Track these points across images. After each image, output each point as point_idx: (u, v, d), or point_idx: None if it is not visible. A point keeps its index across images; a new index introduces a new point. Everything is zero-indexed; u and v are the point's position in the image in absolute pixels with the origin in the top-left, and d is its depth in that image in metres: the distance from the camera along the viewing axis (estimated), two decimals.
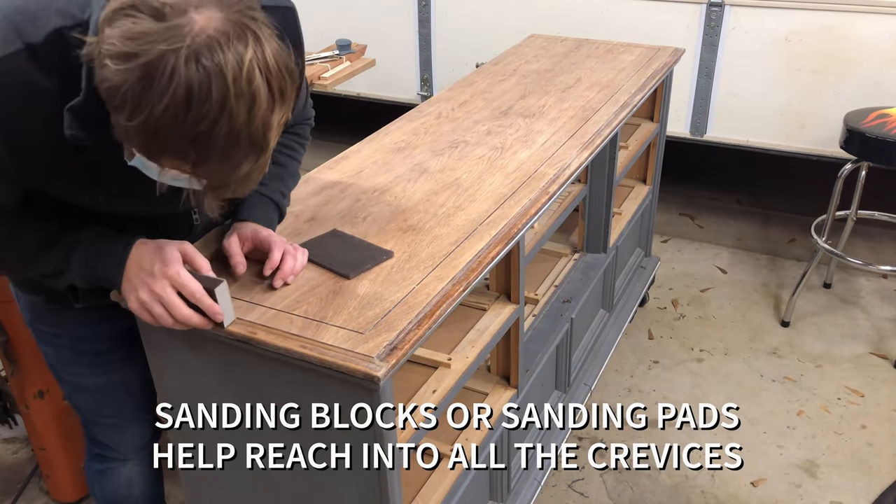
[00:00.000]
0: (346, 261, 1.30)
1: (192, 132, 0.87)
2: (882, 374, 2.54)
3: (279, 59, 0.91)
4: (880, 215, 2.90)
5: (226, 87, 0.86)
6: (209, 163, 0.91)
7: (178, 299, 1.12)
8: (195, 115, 0.86)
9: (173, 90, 0.84)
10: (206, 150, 0.89)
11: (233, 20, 0.88)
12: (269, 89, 0.89)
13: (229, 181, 0.95)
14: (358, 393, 1.13)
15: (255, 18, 0.90)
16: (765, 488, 2.12)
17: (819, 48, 2.81)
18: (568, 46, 2.56)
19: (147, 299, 1.13)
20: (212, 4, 0.88)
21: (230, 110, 0.87)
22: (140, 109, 0.86)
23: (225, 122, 0.87)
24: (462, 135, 1.86)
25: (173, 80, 0.84)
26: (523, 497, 1.83)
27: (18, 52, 0.96)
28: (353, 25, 3.51)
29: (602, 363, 2.31)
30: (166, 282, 1.12)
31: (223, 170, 0.93)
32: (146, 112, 0.86)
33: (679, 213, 3.58)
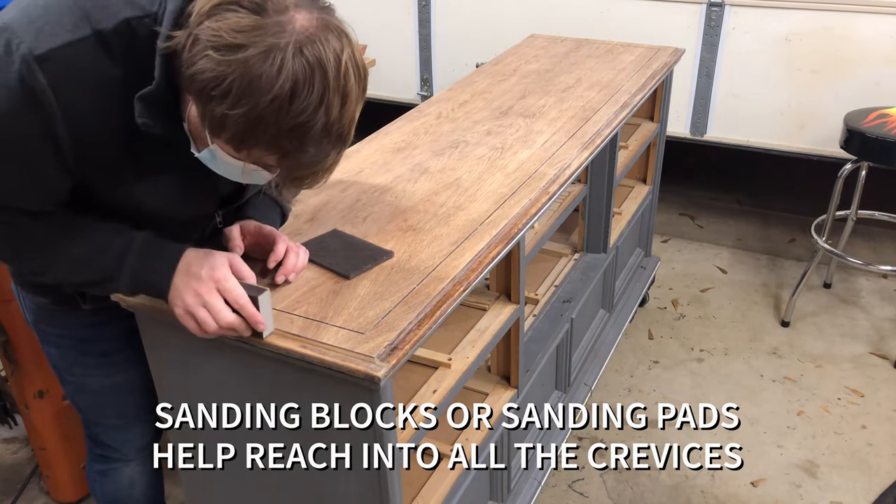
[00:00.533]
0: (346, 261, 1.30)
1: (291, 123, 0.91)
2: (882, 374, 2.54)
3: (361, 56, 0.96)
4: (880, 215, 2.90)
5: (326, 80, 0.90)
6: (299, 155, 0.95)
7: (224, 304, 1.11)
8: (297, 106, 0.90)
9: (282, 82, 0.88)
10: (300, 141, 0.93)
11: (324, 18, 0.93)
12: (358, 85, 0.95)
13: (311, 173, 0.99)
14: (358, 393, 1.13)
15: (339, 18, 0.96)
16: (765, 488, 2.12)
17: (819, 48, 2.81)
18: (568, 46, 2.56)
19: (192, 303, 1.11)
20: (305, 2, 0.93)
21: (328, 104, 0.91)
22: (246, 100, 0.89)
23: (322, 115, 0.91)
24: (462, 135, 1.86)
25: (282, 71, 0.88)
26: (523, 497, 1.83)
27: (87, 37, 0.99)
28: (354, 25, 3.48)
29: (602, 363, 2.31)
30: (213, 285, 1.10)
31: (310, 162, 0.96)
32: (252, 102, 0.89)
33: (679, 213, 3.58)
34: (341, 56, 0.92)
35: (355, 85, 0.94)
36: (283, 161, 0.97)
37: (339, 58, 0.92)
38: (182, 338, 1.26)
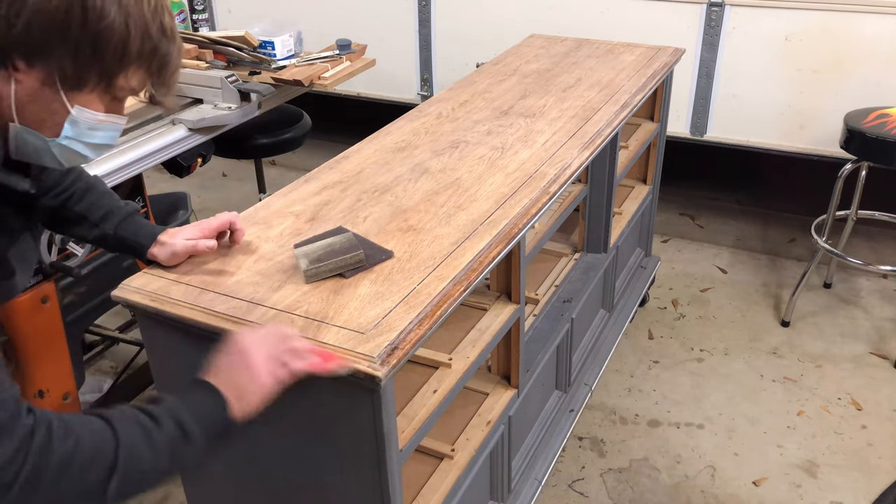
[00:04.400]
0: (346, 260, 1.30)
1: (153, 24, 0.96)
2: (882, 374, 2.54)
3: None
4: (880, 215, 2.90)
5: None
6: (168, 50, 0.99)
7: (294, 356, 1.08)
8: (148, 5, 0.95)
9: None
10: (161, 35, 0.97)
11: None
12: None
13: (177, 68, 1.03)
14: (359, 393, 1.13)
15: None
16: (765, 488, 2.12)
17: (819, 48, 2.81)
18: (568, 46, 2.56)
19: (274, 375, 1.06)
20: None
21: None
22: (101, 21, 0.91)
23: (164, 12, 0.97)
24: (462, 135, 1.86)
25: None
26: (523, 497, 1.83)
27: None
28: (353, 25, 3.51)
29: (602, 363, 2.31)
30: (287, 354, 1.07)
31: (177, 54, 1.01)
32: (108, 19, 0.91)
33: (679, 213, 3.58)
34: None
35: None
36: (154, 67, 0.99)
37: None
38: (182, 338, 1.26)
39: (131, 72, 0.97)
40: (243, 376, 1.03)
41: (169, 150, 2.05)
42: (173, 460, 0.96)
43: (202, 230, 1.34)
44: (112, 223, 1.32)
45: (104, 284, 1.98)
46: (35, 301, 1.80)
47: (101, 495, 0.89)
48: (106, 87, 0.97)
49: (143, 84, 1.01)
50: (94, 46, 0.92)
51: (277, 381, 1.06)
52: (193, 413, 0.99)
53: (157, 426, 0.95)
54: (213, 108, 2.16)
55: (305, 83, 2.24)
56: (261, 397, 1.04)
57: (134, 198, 2.09)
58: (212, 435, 1.00)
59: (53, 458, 0.86)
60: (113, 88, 0.98)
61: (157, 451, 0.94)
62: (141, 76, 0.99)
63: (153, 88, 1.03)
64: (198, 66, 2.24)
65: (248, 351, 1.05)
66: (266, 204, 1.55)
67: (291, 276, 1.29)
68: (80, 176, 1.35)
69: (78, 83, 0.94)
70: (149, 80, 1.01)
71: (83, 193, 1.32)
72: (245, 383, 1.03)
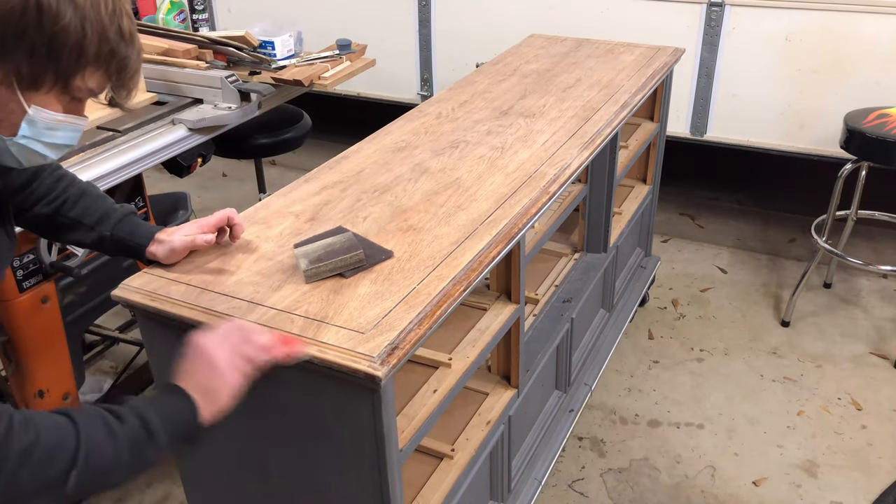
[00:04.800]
0: (346, 260, 1.30)
1: (112, 25, 0.96)
2: (882, 374, 2.54)
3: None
4: (880, 215, 2.90)
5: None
6: (127, 52, 0.99)
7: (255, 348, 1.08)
8: (107, 7, 0.95)
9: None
10: (120, 37, 0.98)
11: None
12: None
13: (137, 70, 1.04)
14: (359, 393, 1.13)
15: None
16: (765, 488, 2.12)
17: (819, 48, 2.81)
18: (568, 46, 2.56)
19: (239, 372, 1.06)
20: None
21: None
22: (58, 20, 0.91)
23: (124, 17, 0.98)
24: (462, 135, 1.86)
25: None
26: (523, 497, 1.83)
27: None
28: (353, 25, 3.51)
29: (602, 363, 2.31)
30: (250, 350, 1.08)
31: (136, 57, 1.02)
32: (65, 18, 0.92)
33: (679, 213, 3.58)
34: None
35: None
36: (112, 70, 0.99)
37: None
38: (182, 338, 1.26)
39: (88, 73, 0.98)
40: (209, 376, 1.04)
41: (169, 150, 2.05)
42: (136, 457, 0.96)
43: (200, 227, 1.34)
44: (108, 225, 1.32)
45: (104, 284, 1.98)
46: (35, 301, 1.80)
47: (60, 488, 0.90)
48: (63, 88, 0.98)
49: (102, 86, 1.02)
50: (50, 47, 0.93)
51: (243, 375, 1.07)
52: (159, 413, 0.99)
53: (121, 423, 0.96)
54: (213, 108, 2.16)
55: (305, 83, 2.24)
56: (229, 394, 1.05)
57: (134, 198, 2.09)
58: (179, 434, 1.01)
59: (13, 447, 0.87)
60: (70, 89, 0.98)
61: (119, 448, 0.94)
62: (99, 78, 1.00)
63: (112, 91, 1.04)
64: (198, 66, 2.24)
65: (210, 351, 1.05)
66: (266, 204, 1.55)
67: (291, 276, 1.29)
68: (73, 182, 1.35)
69: (34, 83, 0.95)
70: (108, 83, 1.02)
71: (77, 199, 1.33)
72: (212, 383, 1.04)
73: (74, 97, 1.01)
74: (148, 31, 2.38)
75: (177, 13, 2.67)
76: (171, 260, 1.33)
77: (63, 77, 0.96)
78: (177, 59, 2.26)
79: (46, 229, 1.35)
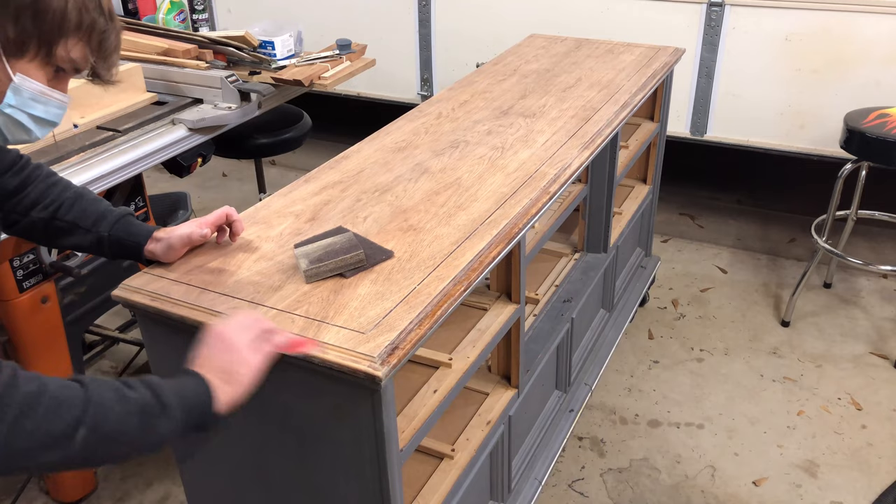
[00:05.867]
0: (346, 260, 1.30)
1: (96, 1, 1.02)
2: (882, 374, 2.54)
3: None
4: (880, 215, 2.90)
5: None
6: (108, 29, 1.04)
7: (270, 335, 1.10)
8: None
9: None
10: (101, 12, 1.03)
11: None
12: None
13: (118, 46, 1.08)
14: (359, 393, 1.13)
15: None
16: (765, 488, 2.12)
17: (819, 48, 2.81)
18: (568, 46, 2.56)
19: (258, 354, 1.07)
20: None
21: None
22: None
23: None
24: (463, 134, 1.86)
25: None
26: (523, 497, 1.83)
27: None
28: (353, 25, 3.51)
29: (602, 363, 2.31)
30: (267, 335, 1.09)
31: (117, 34, 1.06)
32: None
33: (679, 213, 3.58)
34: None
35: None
36: (94, 43, 1.04)
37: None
38: (182, 338, 1.26)
39: (71, 43, 1.02)
40: (228, 358, 1.04)
41: (169, 150, 2.05)
42: (146, 428, 0.95)
43: (198, 224, 1.34)
44: (106, 225, 1.32)
45: (104, 284, 1.99)
46: (35, 301, 1.80)
47: (68, 444, 0.89)
48: (46, 56, 1.01)
49: (84, 59, 1.05)
50: (35, 13, 0.97)
51: (264, 355, 1.07)
52: (173, 388, 0.99)
53: (132, 390, 0.96)
54: (213, 108, 2.16)
55: (305, 83, 2.24)
56: (251, 375, 1.05)
57: (134, 198, 2.09)
58: (193, 415, 1.00)
59: (17, 394, 0.87)
60: (53, 58, 1.02)
61: (128, 413, 0.94)
62: (81, 50, 1.04)
63: (95, 64, 1.08)
64: (198, 66, 2.24)
65: (228, 335, 1.06)
66: (266, 204, 1.55)
67: (291, 276, 1.29)
68: (67, 186, 1.35)
69: (19, 49, 0.99)
70: (91, 57, 1.06)
71: (72, 202, 1.33)
72: (232, 364, 1.04)
73: (58, 68, 1.04)
74: (148, 31, 2.38)
75: (177, 13, 2.67)
76: (169, 257, 1.33)
77: (46, 43, 1.00)
78: (177, 59, 2.26)
79: (44, 235, 1.34)
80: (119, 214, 1.34)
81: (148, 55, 2.30)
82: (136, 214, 2.00)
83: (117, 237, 1.32)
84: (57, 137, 1.91)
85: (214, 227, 1.36)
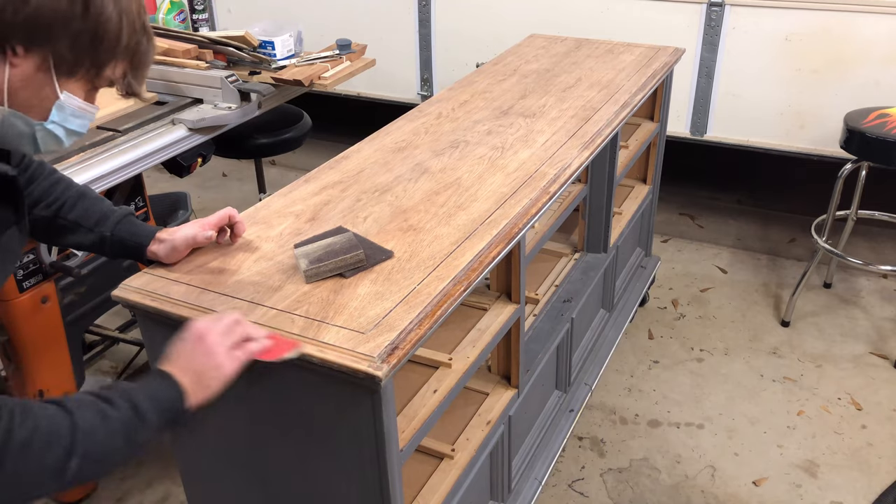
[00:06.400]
0: (346, 260, 1.30)
1: (137, 21, 1.03)
2: (882, 374, 2.54)
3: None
4: (880, 215, 2.90)
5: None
6: (146, 47, 1.05)
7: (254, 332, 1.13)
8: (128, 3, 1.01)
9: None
10: (144, 32, 1.04)
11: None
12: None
13: (151, 60, 1.10)
14: (359, 393, 1.13)
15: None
16: (765, 488, 2.12)
17: (819, 48, 2.81)
18: (568, 46, 2.56)
19: (231, 353, 1.09)
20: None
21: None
22: (95, 14, 0.97)
23: (136, 3, 1.03)
24: (462, 134, 1.86)
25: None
26: (523, 497, 1.83)
27: None
28: (353, 25, 3.51)
29: (602, 363, 2.31)
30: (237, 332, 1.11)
31: (150, 50, 1.07)
32: (97, 12, 0.97)
33: (679, 213, 3.58)
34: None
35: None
36: (136, 62, 1.05)
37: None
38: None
39: (118, 64, 1.03)
40: (203, 361, 1.07)
41: (169, 150, 2.05)
42: (129, 442, 0.99)
43: (202, 226, 1.34)
44: (108, 225, 1.32)
45: (104, 284, 1.99)
46: (35, 301, 1.80)
47: (61, 475, 0.92)
48: (94, 76, 1.02)
49: (122, 77, 1.07)
50: (93, 37, 0.98)
51: (237, 363, 1.09)
52: (147, 396, 1.01)
53: (113, 408, 0.98)
54: (213, 108, 2.16)
55: (305, 83, 2.24)
56: (221, 380, 1.07)
57: (134, 198, 2.09)
58: (167, 417, 1.03)
59: (15, 441, 0.89)
60: (99, 78, 1.03)
61: (113, 433, 0.97)
62: (122, 69, 1.05)
63: (131, 81, 1.09)
64: (198, 66, 2.24)
65: (206, 337, 1.08)
66: (266, 204, 1.55)
67: (291, 276, 1.29)
68: (70, 185, 1.35)
69: (71, 70, 0.99)
70: (128, 73, 1.07)
71: (75, 201, 1.33)
72: (205, 368, 1.06)
73: (96, 86, 1.05)
74: None
75: (177, 13, 2.67)
76: (172, 258, 1.33)
77: (97, 65, 1.01)
78: (177, 59, 2.26)
79: (46, 233, 1.35)
80: (121, 214, 1.34)
81: None
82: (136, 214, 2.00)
83: (120, 237, 1.32)
84: None
85: (217, 228, 1.36)
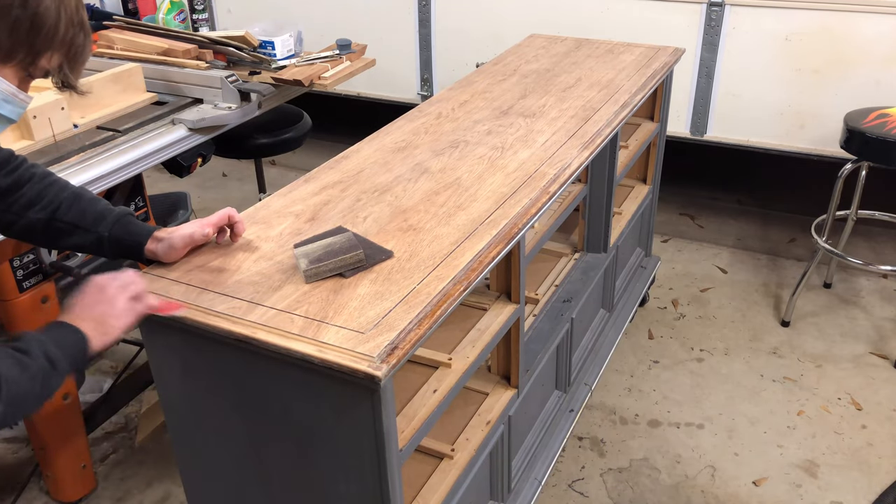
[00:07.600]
0: (346, 260, 1.30)
1: (76, 15, 1.07)
2: (882, 374, 2.54)
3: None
4: (880, 215, 2.90)
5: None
6: (82, 39, 1.09)
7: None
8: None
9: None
10: (80, 26, 1.08)
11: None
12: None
13: (89, 53, 1.14)
14: (359, 392, 1.13)
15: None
16: (765, 488, 2.12)
17: (819, 48, 2.81)
18: (568, 46, 2.56)
19: (126, 308, 1.17)
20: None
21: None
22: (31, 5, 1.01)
23: (84, 10, 1.09)
24: (462, 134, 1.86)
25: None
26: (523, 497, 1.83)
27: None
28: (353, 25, 3.51)
29: (602, 363, 2.31)
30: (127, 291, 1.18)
31: (87, 42, 1.11)
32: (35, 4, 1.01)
33: (679, 213, 3.58)
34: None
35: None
36: (71, 55, 1.09)
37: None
38: (182, 338, 1.26)
39: (54, 54, 1.07)
40: (103, 310, 1.15)
41: (169, 150, 2.05)
42: (45, 388, 1.06)
43: (200, 225, 1.34)
44: (106, 225, 1.32)
45: None
46: (35, 301, 1.80)
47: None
48: (29, 65, 1.06)
49: (57, 69, 1.10)
50: (31, 25, 1.02)
51: (135, 314, 1.18)
52: (57, 345, 1.09)
53: (30, 358, 1.05)
54: (213, 107, 2.16)
55: (305, 83, 2.24)
56: (121, 329, 1.16)
57: (134, 198, 2.09)
58: (73, 363, 1.10)
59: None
60: (34, 67, 1.07)
61: (32, 379, 1.04)
62: (58, 60, 1.09)
63: (67, 73, 1.13)
64: (198, 66, 2.24)
65: (107, 288, 1.17)
66: (266, 204, 1.55)
67: (291, 276, 1.29)
68: (65, 187, 1.35)
69: (8, 56, 1.04)
70: (64, 66, 1.11)
71: (71, 202, 1.33)
72: (106, 316, 1.15)
73: (31, 75, 1.09)
74: (148, 31, 2.39)
75: (177, 13, 2.67)
76: (170, 257, 1.33)
77: (33, 54, 1.05)
78: (177, 59, 2.26)
79: (43, 236, 1.34)
80: (119, 214, 1.34)
81: (148, 55, 2.30)
82: (136, 214, 2.00)
83: (117, 237, 1.32)
84: (57, 137, 1.92)
85: (216, 227, 1.36)
